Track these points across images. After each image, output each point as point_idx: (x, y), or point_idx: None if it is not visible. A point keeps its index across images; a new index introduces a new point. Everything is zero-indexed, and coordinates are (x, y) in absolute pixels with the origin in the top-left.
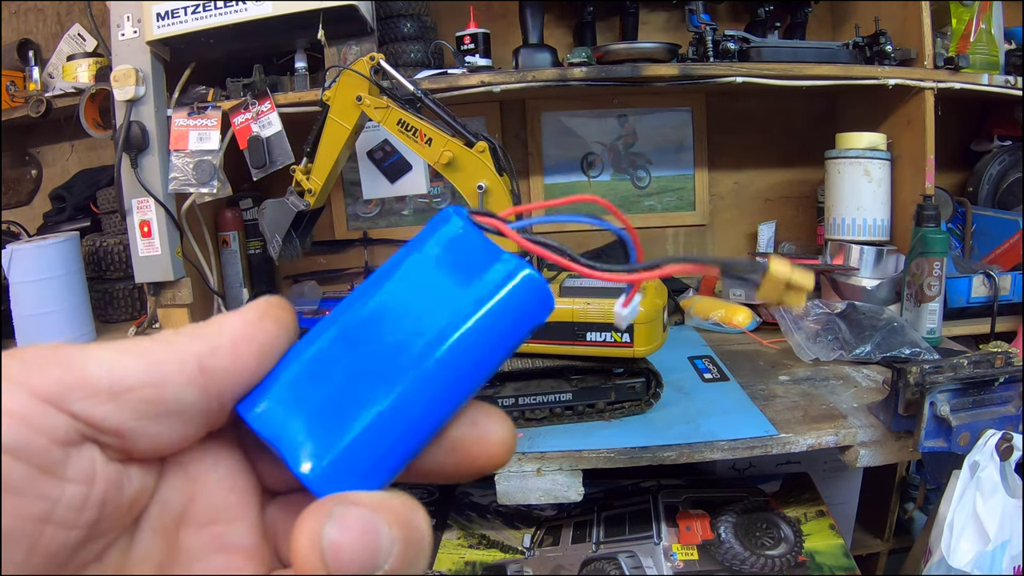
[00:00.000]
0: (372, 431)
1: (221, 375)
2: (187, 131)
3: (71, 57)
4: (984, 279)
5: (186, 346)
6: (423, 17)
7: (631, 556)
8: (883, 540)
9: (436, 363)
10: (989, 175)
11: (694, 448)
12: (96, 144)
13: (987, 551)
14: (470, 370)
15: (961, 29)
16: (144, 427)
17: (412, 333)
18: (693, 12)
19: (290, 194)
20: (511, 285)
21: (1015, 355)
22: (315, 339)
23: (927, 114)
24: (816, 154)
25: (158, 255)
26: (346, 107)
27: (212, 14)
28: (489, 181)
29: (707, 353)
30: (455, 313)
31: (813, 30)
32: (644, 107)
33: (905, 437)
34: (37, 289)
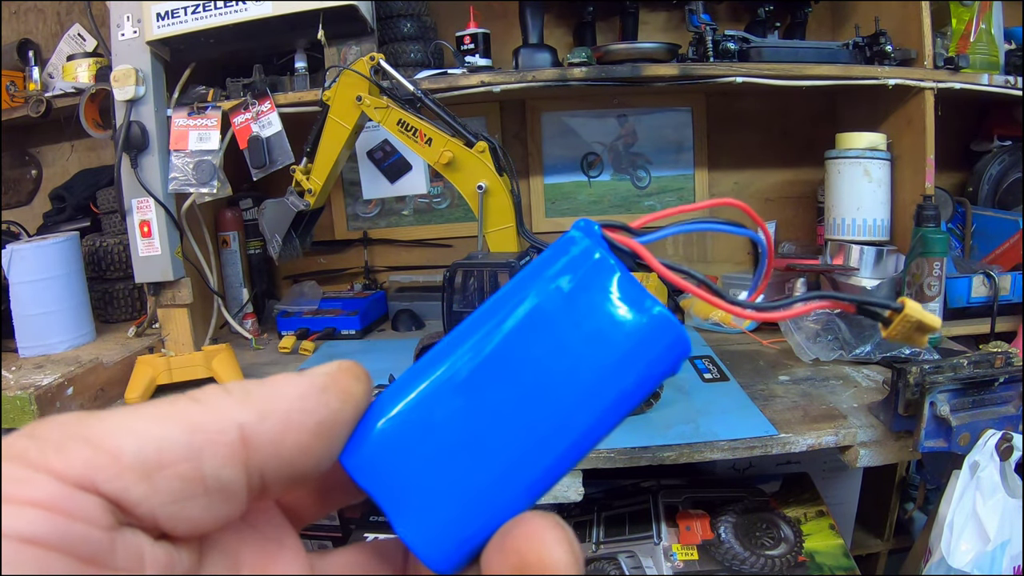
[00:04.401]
0: (481, 495)
1: (267, 450)
2: (187, 131)
3: (71, 57)
4: (984, 279)
5: (229, 411)
6: (423, 17)
7: (631, 556)
8: (883, 540)
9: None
10: (989, 175)
11: (694, 448)
12: (96, 144)
13: (987, 551)
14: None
15: (961, 29)
16: (181, 510)
17: (530, 383)
18: (693, 12)
19: (290, 194)
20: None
21: (1015, 355)
22: (424, 376)
23: (927, 114)
24: (816, 154)
25: (158, 255)
26: (346, 107)
27: (212, 14)
28: (489, 181)
29: (707, 353)
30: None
31: (813, 30)
32: (644, 107)
33: (905, 437)
34: (37, 289)
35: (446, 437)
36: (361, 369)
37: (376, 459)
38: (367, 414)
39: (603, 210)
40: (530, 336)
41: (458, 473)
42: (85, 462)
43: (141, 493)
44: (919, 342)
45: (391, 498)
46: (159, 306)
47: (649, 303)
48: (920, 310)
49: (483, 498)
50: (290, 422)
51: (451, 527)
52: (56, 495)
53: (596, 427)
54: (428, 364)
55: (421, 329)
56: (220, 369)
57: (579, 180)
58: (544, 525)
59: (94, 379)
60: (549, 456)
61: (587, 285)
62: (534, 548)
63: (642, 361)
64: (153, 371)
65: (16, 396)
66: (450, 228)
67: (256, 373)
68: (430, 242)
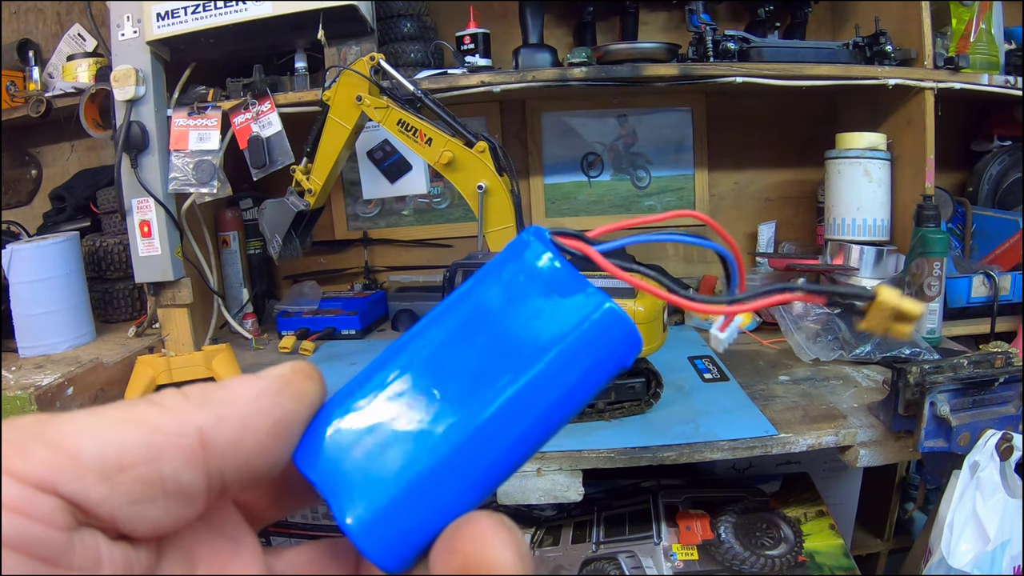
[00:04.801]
0: (422, 486)
1: (225, 451)
2: (187, 131)
3: (71, 57)
4: (984, 279)
5: (188, 415)
6: (423, 17)
7: (631, 556)
8: (883, 540)
9: (499, 411)
10: (989, 175)
11: (694, 448)
12: (96, 144)
13: (987, 551)
14: (538, 420)
15: (961, 29)
16: (140, 512)
17: (478, 376)
18: (693, 12)
19: (290, 194)
20: (589, 322)
21: (1015, 355)
22: (374, 375)
23: (927, 114)
24: (816, 154)
25: (158, 255)
26: (346, 107)
27: (212, 14)
28: (489, 181)
29: (707, 353)
30: (525, 355)
31: (813, 30)
32: (644, 107)
33: (905, 437)
34: (37, 289)
35: (394, 434)
36: (314, 369)
37: (326, 457)
38: (320, 413)
39: (603, 210)
40: (478, 333)
41: (405, 470)
42: (45, 463)
43: (100, 494)
44: (901, 332)
45: (340, 496)
46: (159, 306)
47: (596, 298)
48: (896, 296)
49: (430, 495)
50: (247, 424)
51: (398, 525)
52: (15, 496)
53: (543, 423)
54: (380, 363)
55: None
56: (220, 369)
57: (579, 180)
58: (490, 525)
59: (94, 379)
60: (495, 452)
61: (535, 283)
62: (479, 549)
63: (591, 356)
64: (153, 371)
65: (16, 396)
66: (450, 228)
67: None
68: (430, 242)
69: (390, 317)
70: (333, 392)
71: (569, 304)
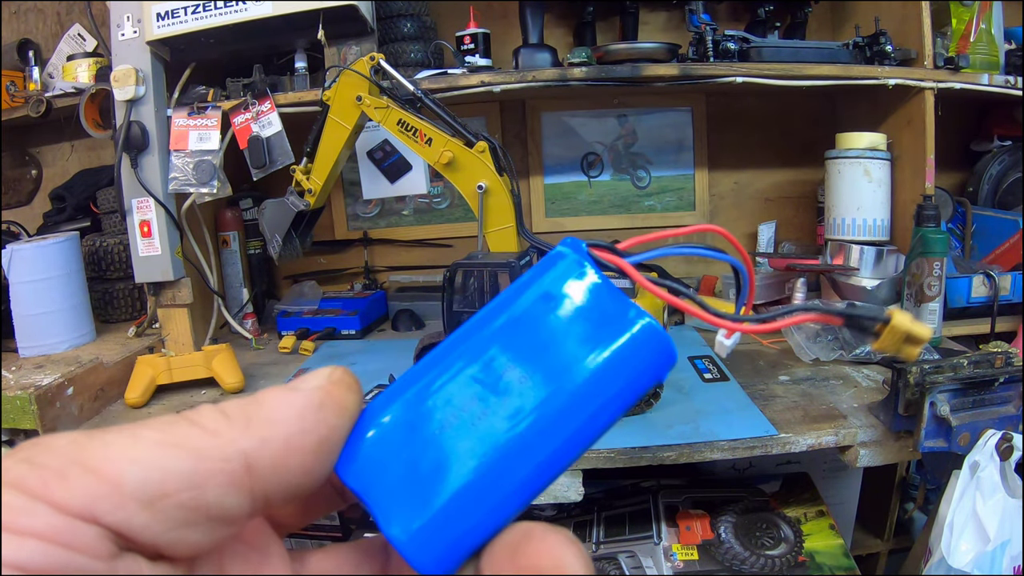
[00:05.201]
0: (467, 495)
1: (270, 475)
2: (187, 131)
3: (71, 57)
4: (984, 279)
5: (231, 438)
6: (423, 17)
7: (631, 556)
8: (883, 540)
9: (539, 427)
10: (989, 175)
11: (694, 448)
12: (96, 144)
13: (987, 551)
14: (577, 431)
15: (961, 29)
16: (182, 536)
17: (518, 388)
18: (693, 12)
19: (290, 194)
20: (625, 338)
21: (1015, 355)
22: (414, 383)
23: (927, 114)
24: (816, 154)
25: (158, 255)
26: (346, 107)
27: (212, 14)
28: (489, 181)
29: (707, 353)
30: (566, 367)
31: (813, 30)
32: (644, 107)
33: (905, 437)
34: (37, 289)
35: (437, 442)
36: (352, 378)
37: (368, 467)
38: (360, 420)
39: (603, 210)
40: (518, 344)
41: (450, 479)
42: (86, 492)
43: (143, 522)
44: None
45: (385, 505)
46: (159, 306)
47: (634, 313)
48: (908, 321)
49: (476, 504)
50: (291, 444)
51: (444, 534)
52: (56, 526)
53: (585, 431)
54: (420, 370)
55: (421, 329)
56: (220, 369)
57: (579, 180)
58: (560, 541)
59: (94, 379)
60: (538, 458)
61: (574, 296)
62: (553, 565)
63: (629, 369)
64: (153, 371)
65: (16, 396)
66: (450, 228)
67: (256, 373)
68: (430, 242)
69: (390, 317)
70: None
71: (609, 318)
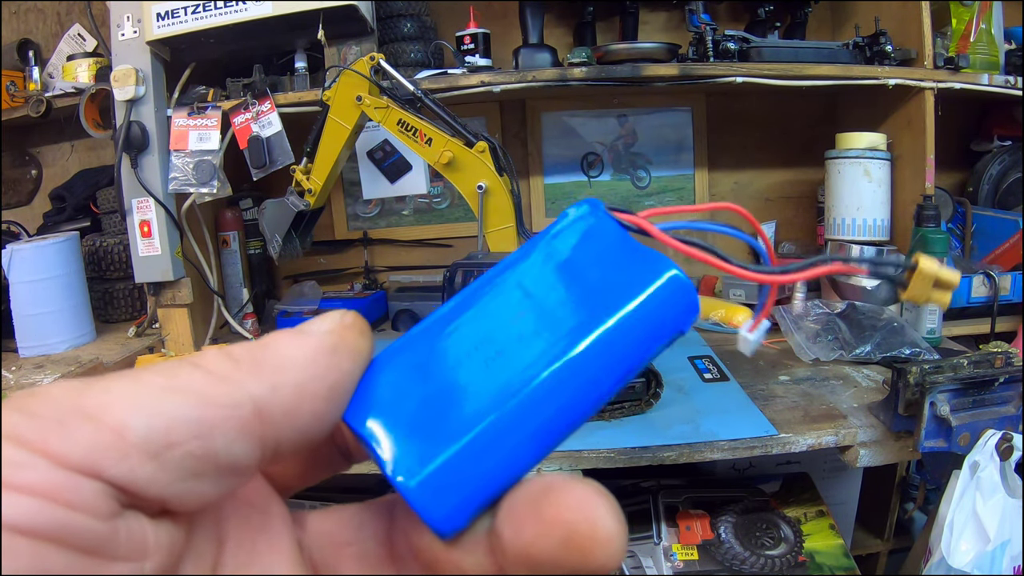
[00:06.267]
0: (484, 441)
1: (280, 421)
2: (187, 131)
3: (71, 57)
4: (984, 279)
5: (240, 383)
6: (423, 17)
7: (631, 556)
8: (883, 540)
9: (562, 369)
10: (989, 175)
11: (694, 448)
12: (96, 144)
13: (987, 551)
14: (597, 380)
15: (961, 29)
16: (188, 488)
17: (537, 334)
18: (693, 12)
19: (290, 194)
20: (655, 286)
21: (1015, 355)
22: (427, 332)
23: (927, 114)
24: (816, 154)
25: (158, 255)
26: (346, 107)
27: (212, 14)
28: (489, 181)
29: (707, 353)
30: (587, 314)
31: (813, 30)
32: (644, 107)
33: (905, 437)
34: (37, 289)
35: (452, 385)
36: (364, 322)
37: (378, 412)
38: (370, 367)
39: None
40: (539, 289)
41: (464, 425)
42: (87, 443)
43: (148, 474)
44: (941, 300)
45: (392, 452)
46: (159, 306)
47: (651, 254)
48: (936, 265)
49: (491, 452)
50: (303, 391)
51: (456, 482)
52: (55, 482)
53: (602, 384)
54: (433, 320)
55: None
56: None
57: (579, 180)
58: (590, 493)
59: None
60: (560, 404)
61: (595, 247)
62: (585, 519)
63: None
64: None
65: None
66: (450, 228)
67: None
68: (430, 242)
69: (390, 317)
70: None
71: (632, 268)
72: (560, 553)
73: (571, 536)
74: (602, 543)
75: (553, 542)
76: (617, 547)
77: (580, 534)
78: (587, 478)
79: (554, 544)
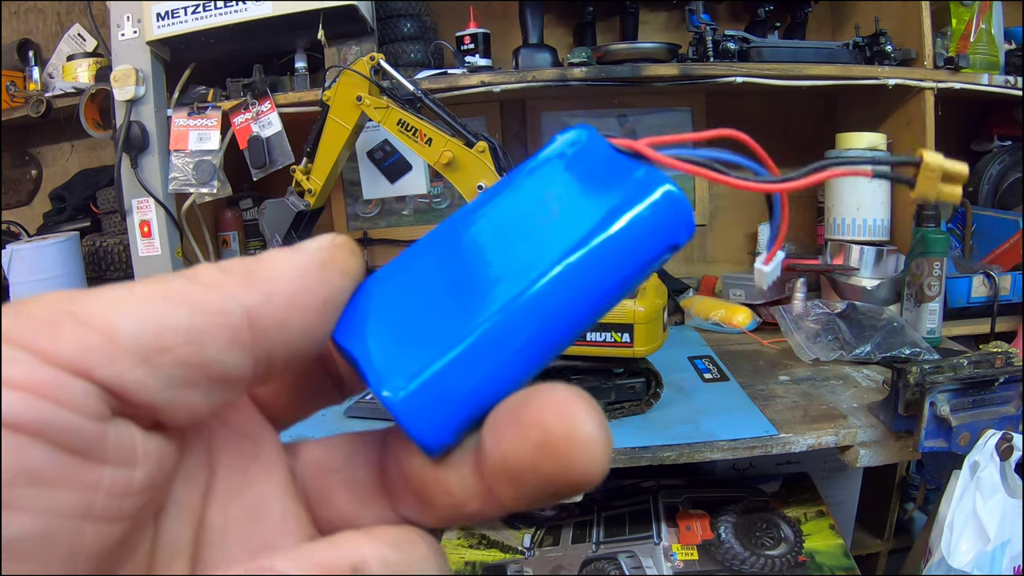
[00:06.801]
0: (471, 355)
1: (272, 331)
2: (187, 131)
3: (71, 57)
4: (984, 279)
5: (233, 291)
6: (423, 17)
7: (631, 556)
8: (883, 540)
9: (550, 284)
10: (989, 175)
11: (694, 448)
12: (96, 144)
13: (987, 551)
14: (591, 294)
15: (961, 29)
16: (179, 397)
17: (529, 247)
18: (693, 12)
19: (290, 194)
20: (648, 199)
21: (1015, 355)
22: (416, 254)
23: (927, 114)
24: (816, 154)
25: (158, 255)
26: (346, 107)
27: (212, 14)
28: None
29: (707, 353)
30: (577, 229)
31: (813, 30)
32: (644, 107)
33: (905, 437)
34: (37, 289)
35: (441, 303)
36: (353, 243)
37: (366, 329)
38: (359, 288)
39: None
40: (530, 209)
41: (452, 338)
42: (78, 343)
43: (138, 378)
44: (952, 195)
45: (380, 368)
46: None
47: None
48: (941, 159)
49: (479, 365)
50: (295, 302)
51: (443, 396)
52: (44, 378)
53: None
54: (427, 237)
55: None
56: None
57: None
58: (569, 395)
59: None
60: (549, 323)
61: (580, 159)
62: (560, 420)
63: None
64: None
65: None
66: None
67: None
68: None
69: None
70: None
71: (622, 181)
72: (537, 458)
73: (546, 438)
74: (580, 446)
75: (530, 446)
76: (598, 452)
77: (556, 435)
78: (569, 385)
79: (531, 448)
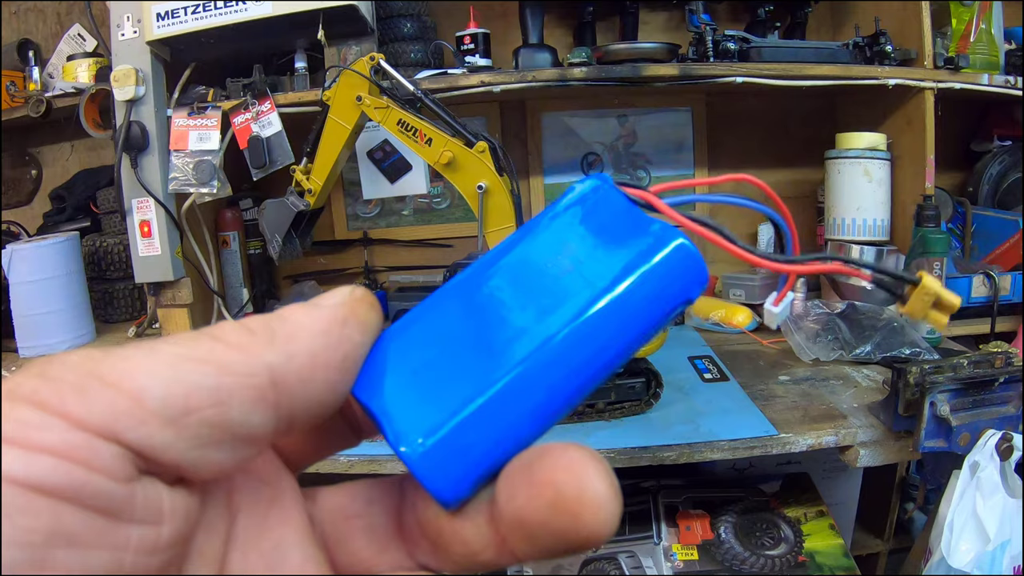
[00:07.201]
0: (485, 414)
1: (295, 389)
2: (187, 131)
3: (71, 57)
4: (984, 279)
5: (256, 352)
6: (423, 17)
7: (631, 556)
8: (883, 540)
9: (567, 339)
10: (989, 175)
11: (694, 448)
12: (96, 144)
13: (987, 551)
14: (606, 350)
15: (961, 29)
16: (204, 456)
17: (542, 303)
18: (693, 12)
19: (290, 194)
20: (662, 255)
21: (1015, 355)
22: (434, 306)
23: (927, 114)
24: (816, 154)
25: (158, 255)
26: (346, 107)
27: (212, 14)
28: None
29: (707, 353)
30: (593, 284)
31: (813, 30)
32: (644, 107)
33: (905, 437)
34: (37, 289)
35: (457, 361)
36: (373, 297)
37: (384, 385)
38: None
39: None
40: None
41: (468, 396)
42: (106, 408)
43: (166, 441)
44: (938, 321)
45: (397, 423)
46: (159, 306)
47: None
48: (939, 285)
49: (495, 422)
50: (317, 360)
51: (459, 452)
52: (73, 443)
53: (608, 354)
54: (440, 293)
55: None
56: None
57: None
58: (582, 456)
59: None
60: (563, 379)
61: (600, 218)
62: (573, 480)
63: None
64: None
65: None
66: (450, 228)
67: None
68: (430, 242)
69: (390, 317)
70: None
71: (636, 237)
72: (549, 516)
73: (558, 497)
74: (590, 506)
75: (542, 504)
76: (607, 512)
77: (567, 496)
78: (581, 444)
79: (543, 507)
